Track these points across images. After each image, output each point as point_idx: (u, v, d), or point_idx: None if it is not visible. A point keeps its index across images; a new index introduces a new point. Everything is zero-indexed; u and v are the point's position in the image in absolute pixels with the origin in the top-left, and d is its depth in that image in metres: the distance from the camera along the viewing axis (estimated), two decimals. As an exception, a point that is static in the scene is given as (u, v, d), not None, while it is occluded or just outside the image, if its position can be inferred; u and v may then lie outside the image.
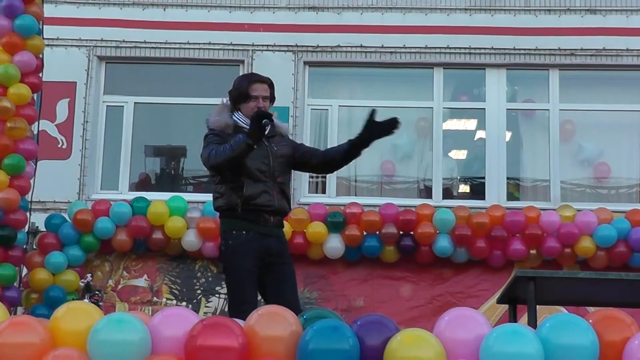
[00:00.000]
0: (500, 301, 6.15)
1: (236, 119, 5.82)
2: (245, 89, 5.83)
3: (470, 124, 11.74)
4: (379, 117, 5.84)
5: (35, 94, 8.84)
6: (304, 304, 9.44)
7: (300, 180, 11.14)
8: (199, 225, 9.44)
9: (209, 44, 11.38)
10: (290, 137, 6.26)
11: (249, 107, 5.79)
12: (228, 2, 11.51)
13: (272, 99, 5.94)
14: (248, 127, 5.59)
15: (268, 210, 5.67)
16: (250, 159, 5.63)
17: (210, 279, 9.77)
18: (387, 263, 9.64)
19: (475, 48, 11.35)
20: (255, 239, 5.64)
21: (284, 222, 5.94)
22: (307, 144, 11.18)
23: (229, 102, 5.96)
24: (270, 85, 5.95)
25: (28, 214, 8.79)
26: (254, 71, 11.13)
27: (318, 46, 11.42)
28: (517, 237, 9.50)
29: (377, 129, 5.71)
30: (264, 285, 5.71)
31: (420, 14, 11.47)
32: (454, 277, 9.71)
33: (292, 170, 6.02)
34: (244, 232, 5.67)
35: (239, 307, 5.42)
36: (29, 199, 8.84)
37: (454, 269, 9.71)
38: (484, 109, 11.37)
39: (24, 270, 9.25)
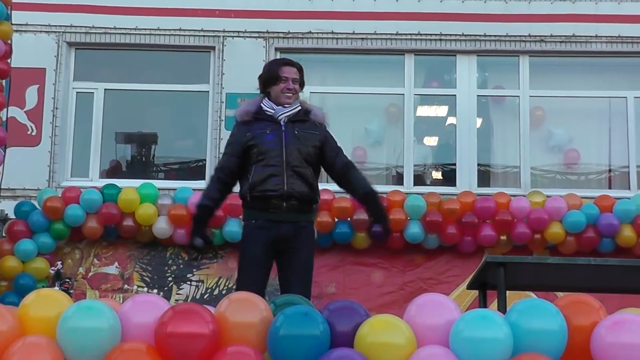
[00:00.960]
0: (470, 287, 6.18)
1: (262, 105, 5.83)
2: (276, 71, 5.87)
3: (441, 111, 11.76)
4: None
5: (4, 80, 8.75)
6: (275, 290, 9.44)
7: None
8: (170, 212, 9.42)
9: (180, 30, 11.31)
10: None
11: (278, 89, 5.81)
12: (199, -13, 11.45)
13: (301, 83, 5.95)
14: (271, 113, 5.75)
15: (276, 195, 5.61)
16: (261, 143, 5.67)
17: (181, 266, 9.75)
18: (359, 249, 9.68)
19: (446, 34, 11.36)
20: (264, 227, 5.65)
21: (310, 206, 5.77)
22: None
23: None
24: (300, 69, 5.97)
25: (-3, 201, 8.74)
26: (225, 58, 11.13)
27: (289, 32, 11.39)
28: (488, 223, 9.56)
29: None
30: (278, 272, 5.78)
31: (391, 0, 11.47)
32: (425, 263, 9.76)
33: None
34: (253, 220, 5.71)
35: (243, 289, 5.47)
36: (-2, 186, 8.78)
37: (425, 255, 9.76)
38: (455, 95, 11.39)
39: (-6, 258, 9.19)
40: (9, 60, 8.72)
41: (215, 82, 11.19)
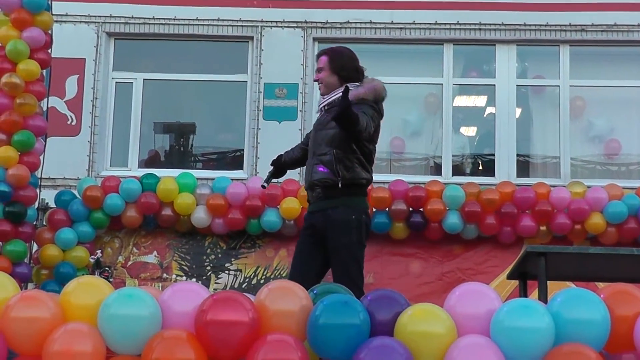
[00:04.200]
0: (510, 277, 6.15)
1: None
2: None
3: (480, 101, 11.69)
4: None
5: (45, 70, 8.83)
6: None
7: (310, 157, 11.12)
8: (209, 201, 9.45)
9: (218, 20, 11.33)
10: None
11: None
12: (237, -22, 11.47)
13: (334, 69, 5.90)
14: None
15: (306, 186, 5.78)
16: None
17: (219, 255, 9.78)
18: (397, 240, 9.64)
19: (485, 24, 11.27)
20: (307, 217, 5.83)
21: (338, 191, 5.67)
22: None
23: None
24: (326, 53, 6.00)
25: (38, 190, 8.80)
26: (263, 48, 11.14)
27: (327, 22, 11.36)
28: (527, 213, 9.49)
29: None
30: None
31: (430, -11, 11.41)
32: (463, 254, 9.71)
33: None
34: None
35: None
36: (39, 176, 8.85)
37: (463, 245, 9.71)
38: (494, 85, 11.31)
39: (34, 247, 9.27)
40: (49, 51, 8.79)
41: (253, 72, 11.20)
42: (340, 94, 5.65)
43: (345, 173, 5.65)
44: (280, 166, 6.28)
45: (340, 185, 5.61)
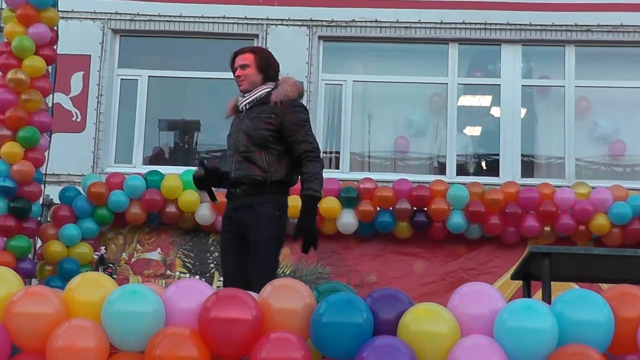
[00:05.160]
0: (514, 277, 6.14)
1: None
2: (231, 65, 5.88)
3: (485, 100, 11.68)
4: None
5: (50, 67, 8.84)
6: (317, 279, 9.46)
7: (315, 155, 11.11)
8: (213, 199, 9.44)
9: (224, 17, 11.33)
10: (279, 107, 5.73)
11: (235, 80, 5.85)
12: (243, -25, 11.46)
13: (259, 66, 5.80)
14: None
15: (230, 183, 5.66)
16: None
17: (223, 253, 9.77)
18: (401, 239, 9.64)
19: (490, 24, 11.26)
20: (228, 214, 5.73)
21: (267, 188, 5.63)
22: (320, 119, 11.17)
23: None
24: (252, 51, 5.89)
25: (42, 186, 8.82)
26: (268, 46, 11.13)
27: (332, 21, 11.36)
28: (531, 213, 9.48)
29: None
30: None
31: (436, -12, 11.40)
32: (467, 254, 9.70)
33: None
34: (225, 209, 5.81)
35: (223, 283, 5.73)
36: (44, 172, 8.86)
37: (467, 245, 9.70)
38: (499, 85, 11.30)
39: (39, 243, 9.28)
40: (55, 47, 8.80)
41: (258, 70, 11.18)
42: (263, 91, 5.70)
43: (274, 170, 5.63)
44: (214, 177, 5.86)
45: (268, 182, 5.60)
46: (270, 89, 5.74)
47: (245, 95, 5.76)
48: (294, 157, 5.64)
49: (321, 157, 5.72)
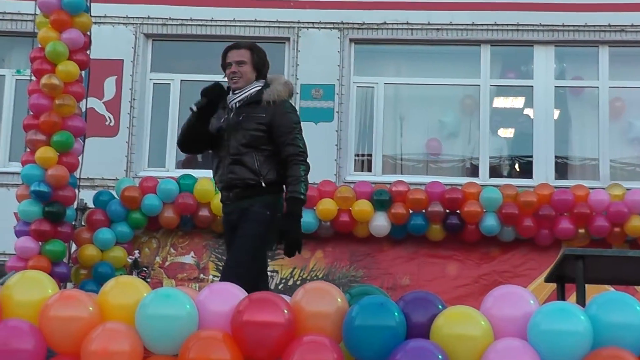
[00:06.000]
0: (548, 279, 6.10)
1: None
2: (223, 59, 5.78)
3: (517, 102, 11.63)
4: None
5: (83, 72, 8.89)
6: (349, 282, 9.44)
7: (346, 158, 11.12)
8: (245, 202, 9.46)
9: (255, 21, 11.37)
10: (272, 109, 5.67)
11: (227, 76, 5.73)
12: (274, -21, 11.50)
13: (255, 64, 5.75)
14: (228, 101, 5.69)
15: (223, 186, 5.61)
16: (214, 134, 5.66)
17: (256, 256, 9.78)
18: (433, 241, 9.60)
19: (523, 24, 11.22)
20: (224, 218, 5.72)
21: (258, 190, 5.56)
22: (352, 122, 11.16)
23: None
24: (249, 48, 5.81)
25: (77, 190, 8.87)
26: (299, 49, 11.15)
27: (364, 23, 11.36)
28: (565, 216, 9.41)
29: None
30: None
31: (468, -10, 11.37)
32: (500, 256, 9.64)
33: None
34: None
35: None
36: (78, 176, 8.92)
37: (500, 247, 9.64)
38: (532, 86, 11.25)
39: (73, 247, 9.34)
40: (88, 52, 8.86)
41: (289, 74, 11.22)
42: (254, 89, 5.65)
43: (266, 172, 5.56)
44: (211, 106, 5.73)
45: (262, 185, 5.53)
46: (260, 87, 5.69)
47: (236, 92, 5.68)
48: (281, 158, 5.57)
49: (307, 160, 5.62)
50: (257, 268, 5.53)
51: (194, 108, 5.62)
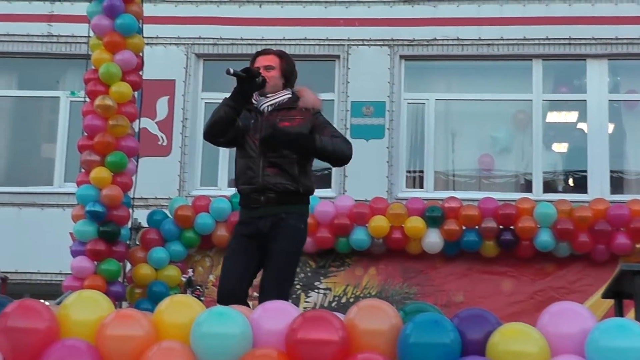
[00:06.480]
0: (605, 296, 6.02)
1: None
2: (252, 63, 5.78)
3: (571, 116, 11.54)
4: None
5: (136, 92, 8.98)
6: (403, 299, 9.41)
7: (398, 175, 11.10)
8: (297, 220, 9.47)
9: (305, 39, 11.42)
10: (312, 117, 5.71)
11: None
12: (324, -3, 11.55)
13: (284, 71, 5.73)
14: (256, 103, 5.65)
15: (253, 188, 5.50)
16: (244, 134, 5.58)
17: (309, 274, 9.80)
18: (487, 258, 9.53)
19: (575, 39, 11.14)
20: (247, 221, 5.56)
21: (293, 198, 5.53)
22: (403, 139, 11.15)
23: None
24: (278, 55, 5.80)
25: (130, 210, 8.95)
26: (349, 66, 11.17)
27: (414, 40, 11.36)
28: (622, 231, 9.28)
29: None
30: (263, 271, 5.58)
31: (518, 5, 11.32)
32: (556, 272, 9.54)
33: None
34: (239, 217, 5.71)
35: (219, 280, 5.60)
36: (132, 196, 9.00)
37: (555, 263, 9.54)
38: (585, 100, 11.15)
39: (128, 266, 9.42)
40: (140, 73, 8.95)
41: (340, 91, 11.25)
42: (286, 95, 5.64)
43: (304, 180, 5.53)
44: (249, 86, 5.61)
45: (300, 191, 5.50)
46: (290, 95, 5.67)
47: (268, 96, 5.66)
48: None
49: (351, 153, 5.63)
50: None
51: (232, 71, 5.47)
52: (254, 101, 5.69)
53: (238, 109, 5.53)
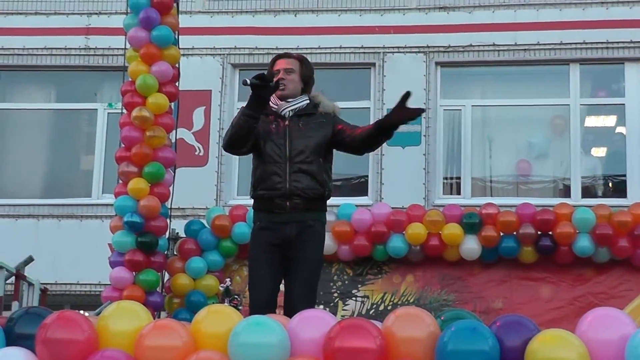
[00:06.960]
0: (645, 301, 5.96)
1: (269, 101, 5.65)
2: (271, 67, 5.76)
3: (609, 121, 11.45)
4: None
5: (173, 103, 9.03)
6: (441, 306, 9.37)
7: (435, 182, 11.08)
8: (334, 228, 9.47)
9: (340, 47, 11.44)
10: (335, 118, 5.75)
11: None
12: (358, 5, 11.55)
13: (303, 75, 5.76)
14: (276, 108, 5.63)
15: (279, 194, 5.46)
16: (265, 139, 5.53)
17: (346, 282, 9.79)
18: (526, 264, 9.47)
19: (612, 42, 11.07)
20: (268, 227, 5.53)
21: (319, 204, 5.54)
22: (439, 145, 11.12)
23: None
24: (298, 59, 5.83)
25: (168, 220, 8.99)
26: (385, 74, 11.17)
27: (449, 46, 11.34)
28: (662, 235, 9.19)
29: (405, 112, 5.47)
30: (284, 277, 5.58)
31: (555, 9, 11.26)
32: (595, 278, 9.45)
33: (339, 151, 5.68)
34: (257, 222, 5.64)
35: (250, 291, 5.59)
36: (169, 206, 9.05)
37: (595, 269, 9.46)
38: (624, 104, 11.07)
39: (166, 276, 9.47)
40: (177, 84, 9.01)
41: (376, 99, 11.25)
42: (306, 100, 5.66)
43: (330, 185, 5.53)
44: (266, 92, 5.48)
45: (324, 197, 5.49)
46: (308, 101, 5.69)
47: (289, 100, 5.66)
48: (356, 138, 5.51)
49: None
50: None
51: (248, 82, 5.37)
52: (273, 105, 5.67)
53: (257, 117, 5.47)
